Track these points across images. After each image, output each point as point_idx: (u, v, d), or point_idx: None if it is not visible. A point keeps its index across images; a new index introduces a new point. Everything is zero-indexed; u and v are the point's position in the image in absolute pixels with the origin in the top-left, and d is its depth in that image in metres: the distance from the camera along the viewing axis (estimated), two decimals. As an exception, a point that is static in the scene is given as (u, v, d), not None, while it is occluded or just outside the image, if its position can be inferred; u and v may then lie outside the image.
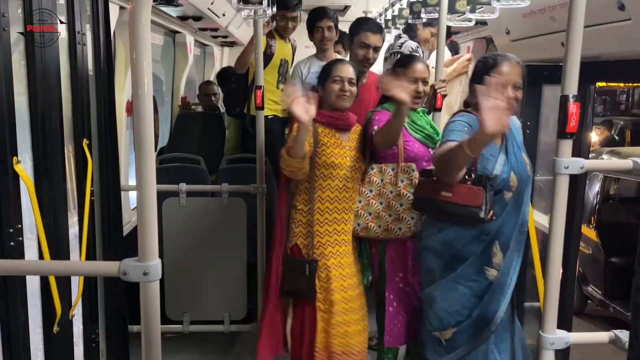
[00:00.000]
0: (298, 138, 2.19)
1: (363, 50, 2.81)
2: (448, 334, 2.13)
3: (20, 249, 1.71)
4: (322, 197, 2.38)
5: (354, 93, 2.41)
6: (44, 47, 1.85)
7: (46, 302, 1.92)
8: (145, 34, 1.18)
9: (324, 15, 3.19)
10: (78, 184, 2.21)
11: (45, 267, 1.54)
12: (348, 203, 2.41)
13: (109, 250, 2.47)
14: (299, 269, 2.36)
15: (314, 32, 3.21)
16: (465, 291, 2.09)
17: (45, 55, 1.86)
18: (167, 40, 4.74)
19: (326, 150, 2.36)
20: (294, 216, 2.42)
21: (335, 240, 2.40)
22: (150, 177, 1.20)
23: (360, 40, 2.81)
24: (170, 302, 3.09)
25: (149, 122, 1.21)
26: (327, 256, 2.38)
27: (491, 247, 2.08)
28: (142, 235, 1.21)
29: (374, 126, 2.42)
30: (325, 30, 3.20)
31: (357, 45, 2.82)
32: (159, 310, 1.29)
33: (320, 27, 3.20)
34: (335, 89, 2.38)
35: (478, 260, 2.08)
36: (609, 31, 2.04)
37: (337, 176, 2.37)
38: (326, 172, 2.37)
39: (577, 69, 1.52)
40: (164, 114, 5.07)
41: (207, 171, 3.58)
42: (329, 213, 2.39)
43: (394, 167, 2.41)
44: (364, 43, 2.79)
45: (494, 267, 2.08)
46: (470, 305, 2.10)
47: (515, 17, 2.75)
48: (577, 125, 1.53)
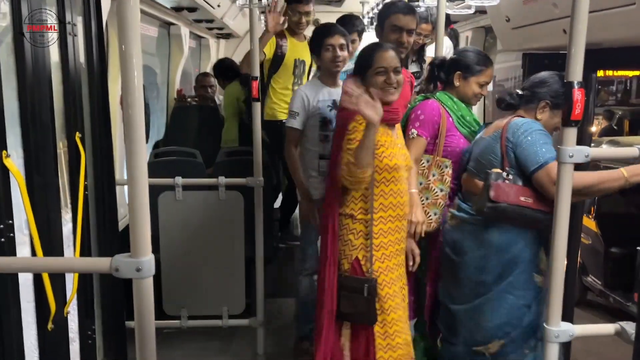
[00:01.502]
0: (367, 143, 1.97)
1: (396, 34, 2.48)
2: (494, 347, 2.05)
3: (12, 245, 1.67)
4: (384, 205, 2.13)
5: (401, 82, 2.15)
6: (35, 42, 1.80)
7: (40, 299, 1.88)
8: (134, 24, 1.15)
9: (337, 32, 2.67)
10: (71, 179, 2.17)
11: (35, 264, 1.50)
12: (404, 209, 2.19)
13: (104, 246, 2.43)
14: (357, 289, 2.10)
15: (322, 51, 2.67)
16: (515, 301, 2.03)
17: (34, 48, 1.81)
18: (162, 32, 4.68)
19: (386, 151, 2.10)
20: (351, 226, 2.15)
21: (394, 252, 2.17)
22: (141, 170, 1.16)
23: (392, 24, 2.50)
24: (167, 298, 3.06)
25: (140, 115, 1.17)
26: (385, 271, 2.14)
27: (539, 251, 2.05)
28: (134, 231, 1.18)
29: (415, 123, 2.34)
30: (338, 49, 2.65)
31: (389, 30, 2.51)
32: (152, 307, 1.26)
33: (331, 45, 2.64)
34: (379, 81, 2.10)
35: (528, 266, 2.04)
36: (612, 16, 2.00)
37: (397, 179, 2.13)
38: (388, 175, 2.11)
39: (582, 54, 1.48)
40: (159, 106, 5.02)
41: (203, 164, 3.54)
42: (391, 221, 2.15)
43: (429, 160, 2.34)
44: (395, 26, 2.49)
45: (540, 273, 2.05)
46: (520, 314, 2.04)
47: (515, 4, 2.70)
48: (582, 112, 1.49)
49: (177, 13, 4.22)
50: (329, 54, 2.62)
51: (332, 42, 2.61)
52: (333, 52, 2.62)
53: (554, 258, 1.61)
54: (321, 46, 2.63)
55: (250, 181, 2.93)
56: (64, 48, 2.09)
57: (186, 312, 3.08)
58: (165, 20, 4.42)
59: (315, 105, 2.67)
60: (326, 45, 2.61)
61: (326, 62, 2.65)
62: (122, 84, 1.17)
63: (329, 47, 2.61)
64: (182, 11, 4.11)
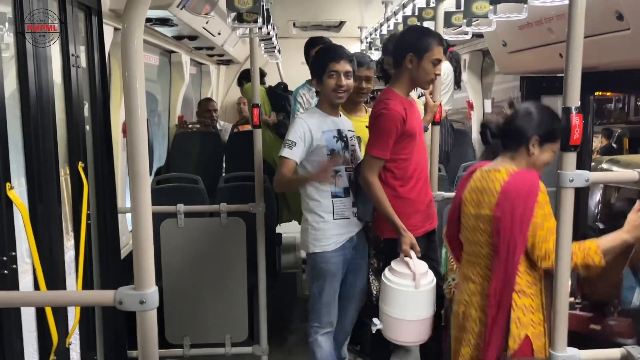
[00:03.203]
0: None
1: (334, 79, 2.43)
2: None
3: (14, 277, 1.68)
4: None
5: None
6: (38, 71, 1.83)
7: (42, 330, 1.88)
8: (137, 56, 1.16)
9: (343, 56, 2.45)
10: (74, 208, 2.18)
11: (39, 298, 1.50)
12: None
13: (107, 274, 2.43)
14: None
15: (324, 76, 2.44)
16: None
17: (39, 78, 1.84)
18: (163, 60, 4.74)
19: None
20: (518, 302, 1.90)
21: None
22: (145, 202, 1.17)
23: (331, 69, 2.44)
24: (170, 326, 3.04)
25: (144, 145, 1.18)
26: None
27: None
28: (138, 263, 1.18)
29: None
30: (343, 77, 2.43)
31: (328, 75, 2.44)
32: (156, 338, 1.25)
33: (335, 72, 2.42)
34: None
35: None
36: (607, 41, 2.02)
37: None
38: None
39: (578, 80, 1.50)
40: (160, 133, 5.06)
41: (205, 191, 3.55)
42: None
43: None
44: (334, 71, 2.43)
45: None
46: None
47: (511, 29, 2.73)
48: (581, 137, 1.51)
49: (178, 41, 4.28)
50: (332, 81, 2.41)
51: (337, 68, 2.39)
52: (337, 80, 2.40)
53: (557, 284, 1.61)
54: (324, 71, 2.42)
55: (252, 207, 2.93)
56: (68, 79, 2.13)
57: (189, 341, 3.05)
58: (166, 49, 4.48)
59: (319, 137, 2.44)
60: (330, 71, 2.40)
61: (328, 90, 2.43)
62: (126, 115, 1.17)
63: (332, 73, 2.40)
64: (183, 39, 4.17)
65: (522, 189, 1.87)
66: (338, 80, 2.42)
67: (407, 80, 2.41)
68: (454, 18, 2.62)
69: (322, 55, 2.51)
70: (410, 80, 2.40)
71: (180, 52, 4.72)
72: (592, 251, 1.83)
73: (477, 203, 1.97)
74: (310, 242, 2.52)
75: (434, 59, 2.34)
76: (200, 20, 3.64)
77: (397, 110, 2.33)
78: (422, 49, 2.32)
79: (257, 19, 2.24)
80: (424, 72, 2.36)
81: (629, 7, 1.84)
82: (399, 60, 2.40)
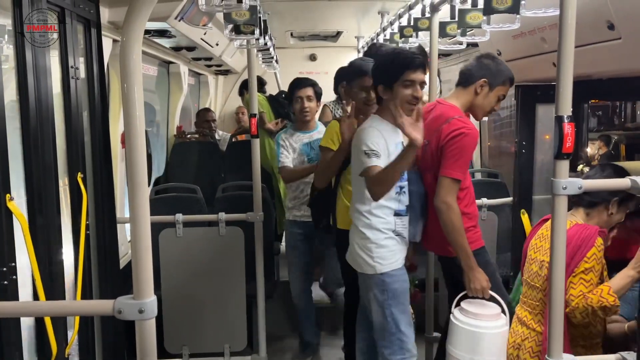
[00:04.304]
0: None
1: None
2: None
3: (14, 287, 1.68)
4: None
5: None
6: (38, 82, 1.85)
7: (41, 340, 1.88)
8: (136, 68, 1.18)
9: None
10: (73, 218, 2.19)
11: (38, 309, 1.51)
12: None
13: (106, 284, 2.44)
14: None
15: (397, 84, 2.27)
16: None
17: (38, 90, 1.86)
18: (161, 70, 4.76)
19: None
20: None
21: None
22: (143, 212, 1.18)
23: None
24: (169, 335, 3.04)
25: (142, 156, 1.20)
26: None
27: None
28: (137, 272, 1.19)
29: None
30: (419, 88, 2.32)
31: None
32: (155, 347, 1.26)
33: (411, 81, 2.28)
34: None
35: None
36: (600, 50, 2.05)
37: None
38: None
39: (570, 89, 1.52)
40: (159, 143, 5.08)
41: (204, 200, 3.56)
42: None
43: None
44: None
45: None
46: None
47: (505, 39, 2.77)
48: (573, 145, 1.53)
49: (176, 52, 4.31)
50: (408, 91, 2.23)
51: (413, 77, 2.25)
52: (413, 90, 2.26)
53: (553, 290, 1.62)
54: (398, 78, 2.24)
55: (250, 216, 2.95)
56: (67, 91, 2.15)
57: (188, 350, 3.05)
58: (164, 59, 4.51)
59: (393, 151, 2.28)
60: (405, 80, 2.23)
61: (401, 100, 2.23)
62: (125, 126, 1.19)
63: (408, 83, 2.23)
64: (181, 50, 4.20)
65: (576, 241, 1.90)
66: (414, 91, 2.23)
67: (469, 102, 2.38)
68: (449, 28, 2.65)
69: (398, 62, 2.25)
70: (472, 104, 2.38)
71: (179, 63, 4.75)
72: (604, 292, 1.85)
73: (538, 249, 2.05)
74: (376, 262, 2.27)
75: (501, 95, 2.36)
76: (199, 32, 3.68)
77: (475, 129, 2.31)
78: (497, 81, 2.34)
79: (254, 31, 2.27)
80: (488, 102, 2.37)
81: (619, 17, 1.87)
82: (469, 79, 2.37)
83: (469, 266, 2.22)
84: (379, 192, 2.19)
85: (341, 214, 2.74)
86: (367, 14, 4.37)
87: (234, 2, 1.85)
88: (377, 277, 2.28)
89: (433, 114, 2.40)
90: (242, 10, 2.05)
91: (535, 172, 3.01)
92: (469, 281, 2.23)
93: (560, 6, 1.52)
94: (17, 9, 1.75)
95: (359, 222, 2.32)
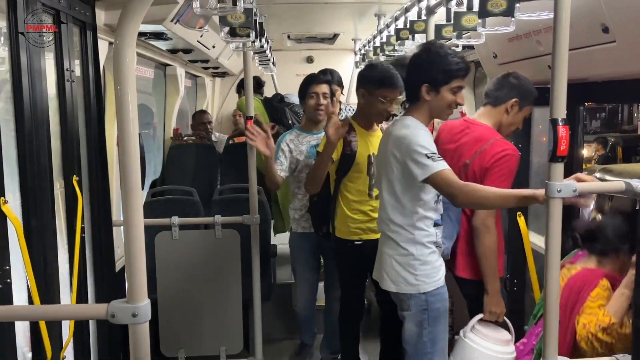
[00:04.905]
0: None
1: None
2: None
3: (8, 291, 1.68)
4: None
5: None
6: (32, 86, 1.84)
7: (36, 344, 1.87)
8: (130, 70, 1.18)
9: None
10: (68, 221, 2.19)
11: (31, 313, 1.51)
12: None
13: (101, 287, 2.43)
14: None
15: (444, 89, 2.17)
16: None
17: (33, 92, 1.86)
18: (158, 73, 4.76)
19: None
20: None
21: None
22: (137, 216, 1.18)
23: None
24: (164, 338, 3.03)
25: (135, 159, 1.20)
26: None
27: None
28: (130, 276, 1.19)
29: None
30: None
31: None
32: (149, 350, 1.26)
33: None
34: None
35: None
36: (594, 53, 2.05)
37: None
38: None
39: (564, 92, 1.53)
40: (155, 145, 5.07)
41: (200, 203, 3.56)
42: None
43: None
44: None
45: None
46: None
47: (501, 42, 2.77)
48: (568, 148, 1.53)
49: (172, 55, 4.30)
50: (452, 97, 2.15)
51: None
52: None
53: (547, 293, 1.62)
54: (447, 82, 2.13)
55: (246, 219, 2.94)
56: (62, 93, 2.14)
57: (184, 353, 3.04)
58: (161, 62, 4.50)
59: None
60: (453, 87, 2.14)
61: (443, 105, 2.15)
62: (118, 128, 1.19)
63: (456, 90, 2.15)
64: (178, 53, 4.20)
65: (581, 284, 1.95)
66: (459, 98, 2.16)
67: (499, 122, 2.40)
68: (445, 31, 2.65)
69: (454, 67, 2.13)
70: (501, 123, 2.39)
71: (175, 65, 4.74)
72: (600, 315, 1.87)
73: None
74: (420, 280, 2.12)
75: (527, 114, 2.43)
76: (195, 34, 3.67)
77: (517, 150, 2.32)
78: (527, 102, 2.39)
79: (250, 33, 2.27)
80: (516, 122, 2.41)
81: (613, 20, 1.87)
82: (499, 99, 2.39)
83: (495, 290, 2.23)
84: (461, 197, 1.95)
85: (340, 222, 2.74)
86: (364, 16, 4.38)
87: (229, 5, 1.85)
88: (418, 296, 2.13)
89: (471, 135, 2.39)
90: (237, 13, 2.05)
91: (531, 174, 3.02)
92: (492, 304, 2.24)
93: (554, 9, 1.52)
94: (12, 11, 1.75)
95: (398, 237, 2.13)
